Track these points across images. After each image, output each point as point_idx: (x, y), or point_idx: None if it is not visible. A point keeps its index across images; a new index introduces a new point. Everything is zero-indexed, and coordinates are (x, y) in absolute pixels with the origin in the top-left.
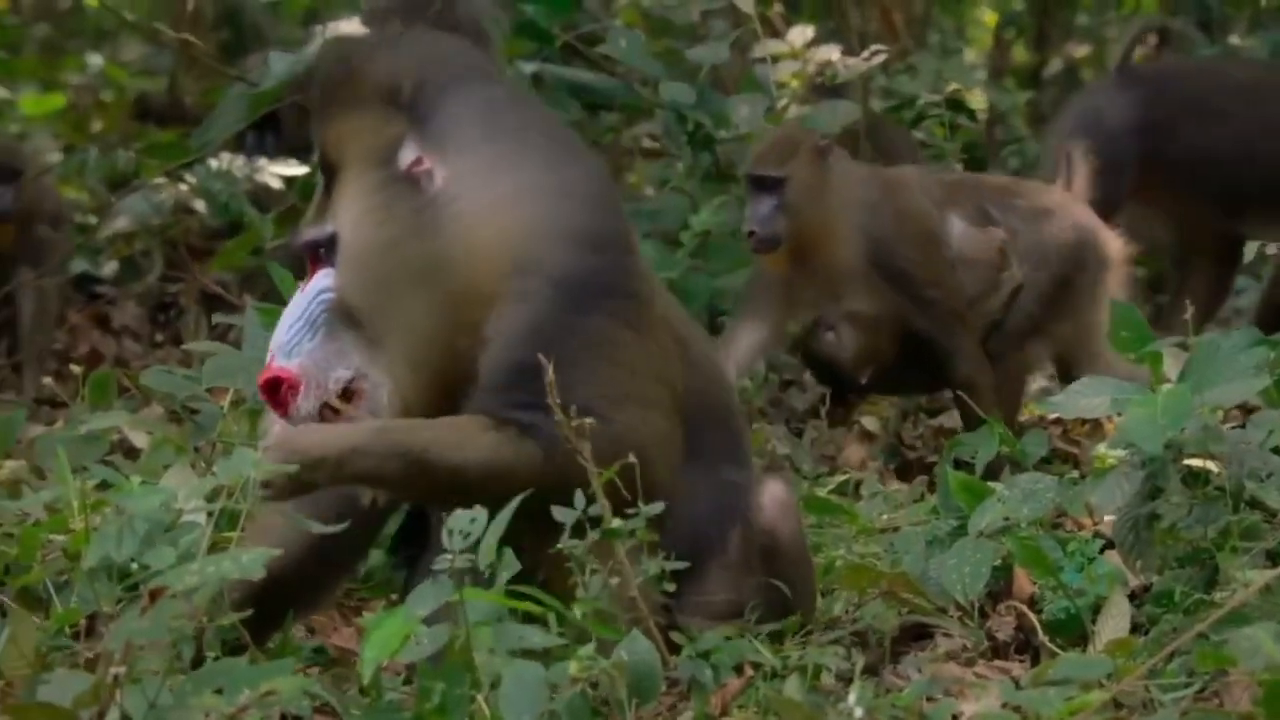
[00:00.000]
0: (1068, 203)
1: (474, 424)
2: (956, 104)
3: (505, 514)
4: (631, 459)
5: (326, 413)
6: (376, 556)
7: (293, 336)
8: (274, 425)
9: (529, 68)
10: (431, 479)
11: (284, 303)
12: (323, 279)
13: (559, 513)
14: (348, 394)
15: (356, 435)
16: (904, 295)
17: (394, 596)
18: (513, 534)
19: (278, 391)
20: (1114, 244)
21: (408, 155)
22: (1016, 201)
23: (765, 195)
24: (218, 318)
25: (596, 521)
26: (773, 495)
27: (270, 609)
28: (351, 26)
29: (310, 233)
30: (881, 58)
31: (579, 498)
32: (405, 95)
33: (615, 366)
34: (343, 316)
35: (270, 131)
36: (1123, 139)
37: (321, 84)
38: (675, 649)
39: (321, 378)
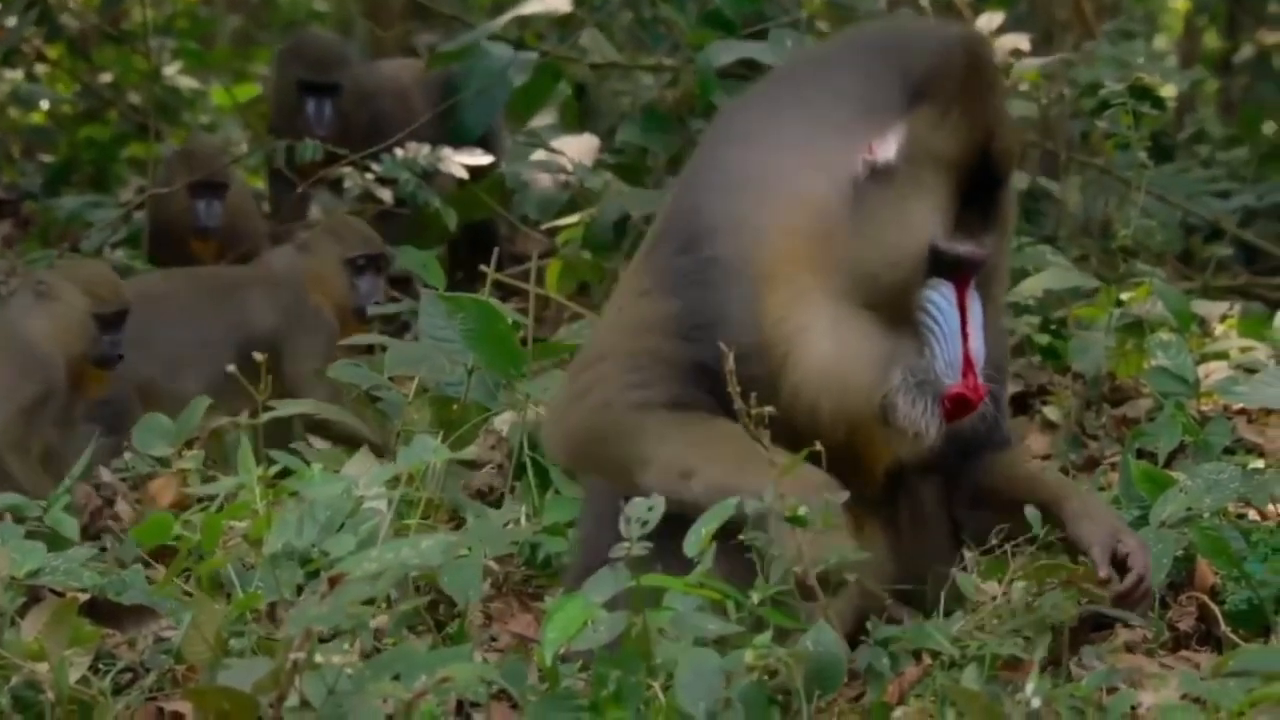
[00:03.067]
0: None
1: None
2: (1143, 92)
3: (719, 510)
4: None
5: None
6: (555, 544)
7: (977, 354)
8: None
9: (722, 55)
10: None
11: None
12: (975, 294)
13: (747, 504)
14: None
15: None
16: None
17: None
18: None
19: (963, 407)
20: None
21: None
22: None
23: None
24: (396, 307)
25: None
26: None
27: None
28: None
29: (990, 254)
30: (1068, 55)
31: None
32: None
33: None
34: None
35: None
36: None
37: (994, 84)
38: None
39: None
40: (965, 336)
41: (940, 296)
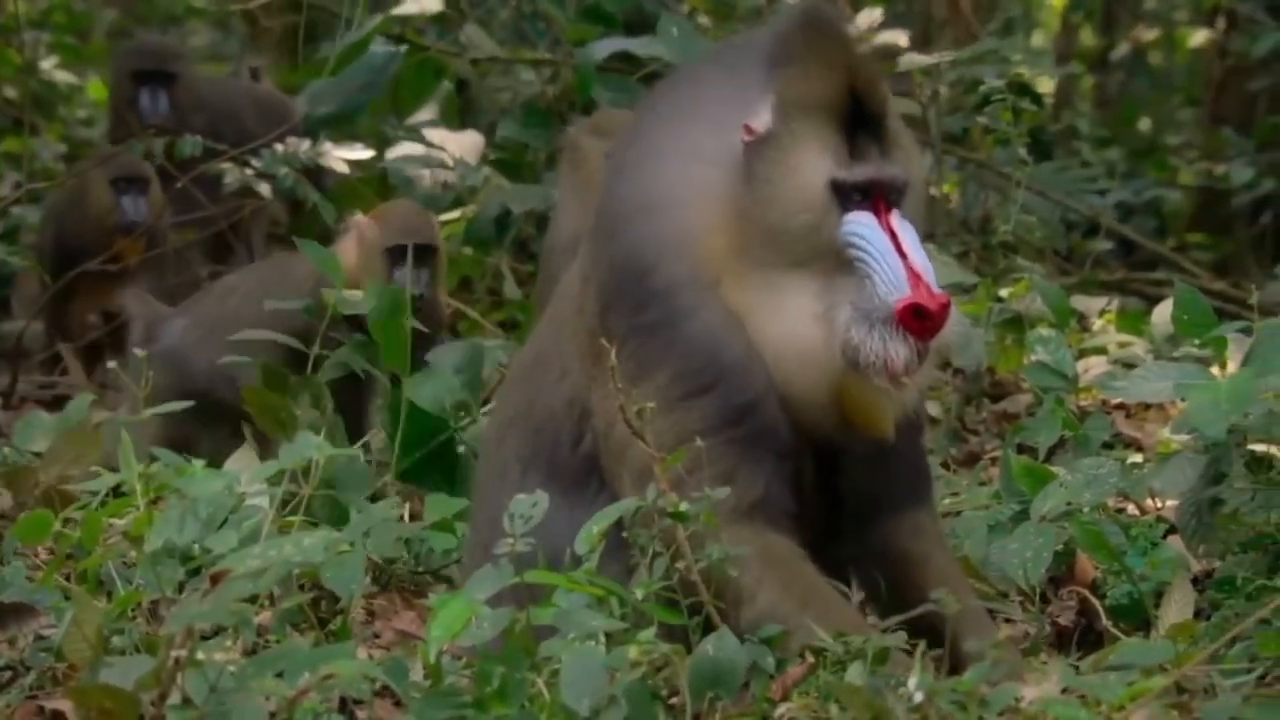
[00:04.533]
0: None
1: None
2: (1022, 88)
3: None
4: None
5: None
6: (442, 540)
7: (922, 267)
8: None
9: (602, 50)
10: None
11: None
12: (901, 218)
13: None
14: None
15: None
16: None
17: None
18: None
19: (923, 318)
20: None
21: None
22: None
23: None
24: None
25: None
26: None
27: None
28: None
29: (898, 173)
30: (949, 56)
31: (650, 489)
32: None
33: None
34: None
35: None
36: None
37: (839, 30)
38: None
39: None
40: (902, 255)
41: (860, 224)
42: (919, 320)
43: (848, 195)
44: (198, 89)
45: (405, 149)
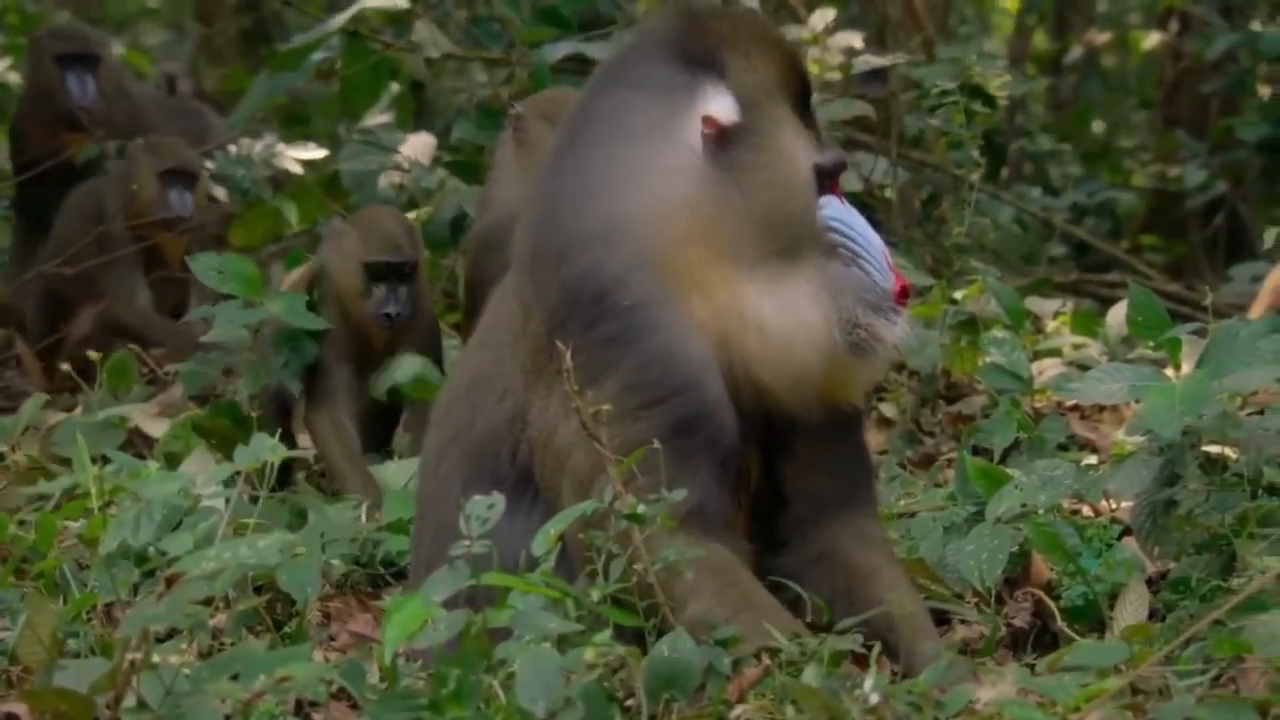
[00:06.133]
0: None
1: None
2: (975, 90)
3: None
4: None
5: None
6: (396, 542)
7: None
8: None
9: (558, 52)
10: None
11: None
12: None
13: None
14: None
15: None
16: None
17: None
18: None
19: (906, 296)
20: None
21: None
22: None
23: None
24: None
25: None
26: None
27: None
28: None
29: (843, 153)
30: (903, 57)
31: (606, 490)
32: None
33: None
34: None
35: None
36: None
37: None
38: None
39: None
40: None
41: (835, 210)
42: (904, 299)
43: (822, 180)
44: (119, 76)
45: (358, 150)
